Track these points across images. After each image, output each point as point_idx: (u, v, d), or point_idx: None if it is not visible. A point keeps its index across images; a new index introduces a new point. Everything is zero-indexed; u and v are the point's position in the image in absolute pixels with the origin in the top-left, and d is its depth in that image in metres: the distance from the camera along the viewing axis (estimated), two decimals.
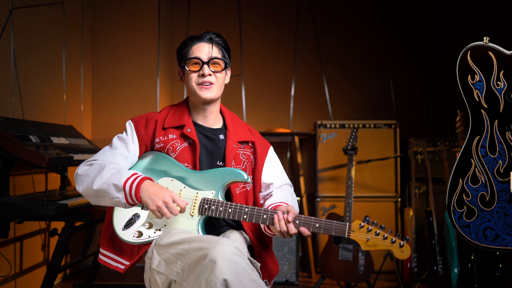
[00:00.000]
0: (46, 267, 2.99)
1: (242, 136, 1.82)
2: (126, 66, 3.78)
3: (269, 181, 1.84)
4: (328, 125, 3.57)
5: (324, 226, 1.57)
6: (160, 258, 1.51)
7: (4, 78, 2.61)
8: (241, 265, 1.39)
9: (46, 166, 2.19)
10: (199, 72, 1.73)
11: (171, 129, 1.77)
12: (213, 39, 1.77)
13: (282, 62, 4.08)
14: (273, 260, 1.79)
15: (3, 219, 2.21)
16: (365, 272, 2.81)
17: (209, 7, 4.11)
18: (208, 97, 1.74)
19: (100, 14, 3.78)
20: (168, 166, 1.72)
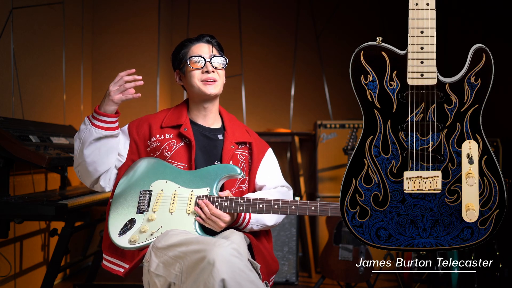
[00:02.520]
0: (46, 267, 2.99)
1: (239, 137, 1.83)
2: (126, 66, 3.74)
3: (262, 183, 1.85)
4: (328, 125, 3.57)
5: (320, 208, 1.60)
6: (158, 261, 1.51)
7: (4, 78, 2.61)
8: (239, 266, 1.39)
9: (46, 166, 2.19)
10: (203, 69, 1.75)
11: (168, 129, 1.78)
12: (210, 40, 1.82)
13: (282, 62, 4.08)
14: (273, 257, 1.79)
15: (3, 219, 2.21)
16: (365, 272, 2.81)
17: (209, 7, 4.11)
18: (213, 93, 1.76)
19: (100, 14, 3.78)
20: (161, 169, 1.73)
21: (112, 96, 1.62)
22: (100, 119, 1.63)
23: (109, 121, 1.64)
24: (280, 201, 1.63)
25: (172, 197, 1.68)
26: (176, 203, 1.67)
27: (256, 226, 1.74)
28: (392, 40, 1.13)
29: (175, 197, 1.68)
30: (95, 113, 1.64)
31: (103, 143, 1.65)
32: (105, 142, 1.65)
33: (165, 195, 1.69)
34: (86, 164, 1.66)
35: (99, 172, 1.69)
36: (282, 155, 4.00)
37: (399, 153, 1.19)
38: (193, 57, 1.76)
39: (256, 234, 1.79)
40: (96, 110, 1.64)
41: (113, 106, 1.64)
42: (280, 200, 1.63)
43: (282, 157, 4.00)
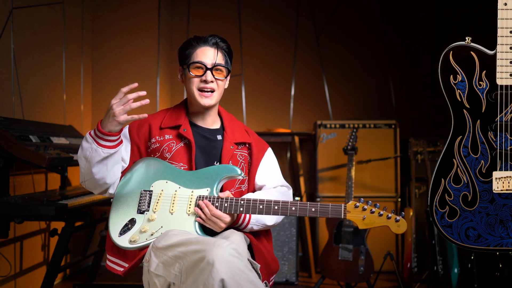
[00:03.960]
0: (46, 267, 2.99)
1: (239, 137, 1.83)
2: (126, 66, 3.78)
3: (261, 183, 1.85)
4: (328, 125, 3.57)
5: (320, 210, 1.59)
6: (158, 261, 1.51)
7: (4, 78, 2.61)
8: (239, 266, 1.39)
9: (46, 166, 2.18)
10: (202, 77, 1.74)
11: (167, 130, 1.78)
12: (218, 43, 1.77)
13: (282, 62, 4.08)
14: (273, 257, 1.79)
15: (3, 219, 2.21)
16: (365, 272, 2.81)
17: (209, 7, 4.11)
18: (207, 105, 1.76)
19: (100, 14, 3.77)
20: (162, 169, 1.73)
21: (118, 116, 1.56)
22: (105, 138, 1.59)
23: (114, 139, 1.62)
24: (280, 202, 1.63)
25: (173, 197, 1.68)
26: (177, 203, 1.67)
27: (256, 226, 1.74)
28: (392, 40, 1.12)
29: (176, 197, 1.68)
30: (99, 132, 1.58)
31: (109, 158, 1.64)
32: (111, 157, 1.64)
33: (166, 195, 1.69)
34: (95, 180, 1.66)
35: (108, 184, 1.70)
36: (282, 155, 4.00)
37: (488, 153, 1.19)
38: (194, 63, 1.74)
39: (256, 234, 1.79)
40: (100, 130, 1.58)
41: (118, 126, 1.59)
42: (280, 201, 1.63)
43: (282, 157, 4.00)
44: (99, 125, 1.59)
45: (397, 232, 1.55)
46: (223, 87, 1.81)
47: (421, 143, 3.25)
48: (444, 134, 3.91)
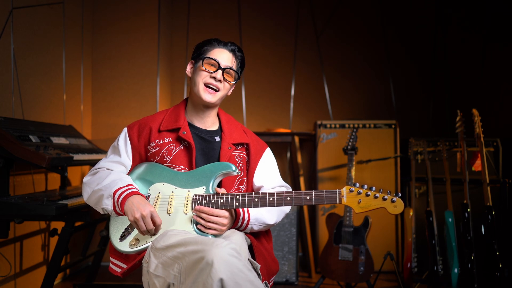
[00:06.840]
0: (46, 267, 2.99)
1: (237, 138, 1.84)
2: (126, 66, 3.78)
3: (259, 183, 1.85)
4: (328, 125, 3.57)
5: (315, 197, 1.59)
6: (157, 262, 1.51)
7: (4, 78, 2.61)
8: (238, 266, 1.39)
9: (46, 166, 2.18)
10: (212, 74, 1.76)
11: (166, 132, 1.79)
12: (235, 51, 1.82)
13: (282, 62, 4.08)
14: (273, 258, 1.79)
15: (3, 219, 2.21)
16: (365, 272, 2.81)
17: (209, 7, 4.11)
18: (209, 101, 1.77)
19: (100, 14, 3.78)
20: (159, 172, 1.75)
21: (139, 229, 1.61)
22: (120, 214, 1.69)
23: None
24: (275, 193, 1.63)
25: (170, 198, 1.69)
26: (174, 204, 1.68)
27: (256, 226, 1.74)
28: (392, 40, 1.12)
29: (172, 198, 1.69)
30: (120, 210, 1.64)
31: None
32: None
33: (163, 197, 1.70)
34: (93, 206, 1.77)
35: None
36: (282, 155, 4.00)
37: None
38: (210, 58, 1.77)
39: (256, 235, 1.79)
40: (122, 210, 1.64)
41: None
42: (275, 193, 1.63)
43: (282, 157, 4.00)
44: (124, 202, 1.62)
45: (394, 213, 1.53)
46: (227, 90, 1.82)
47: (421, 143, 3.25)
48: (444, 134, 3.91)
